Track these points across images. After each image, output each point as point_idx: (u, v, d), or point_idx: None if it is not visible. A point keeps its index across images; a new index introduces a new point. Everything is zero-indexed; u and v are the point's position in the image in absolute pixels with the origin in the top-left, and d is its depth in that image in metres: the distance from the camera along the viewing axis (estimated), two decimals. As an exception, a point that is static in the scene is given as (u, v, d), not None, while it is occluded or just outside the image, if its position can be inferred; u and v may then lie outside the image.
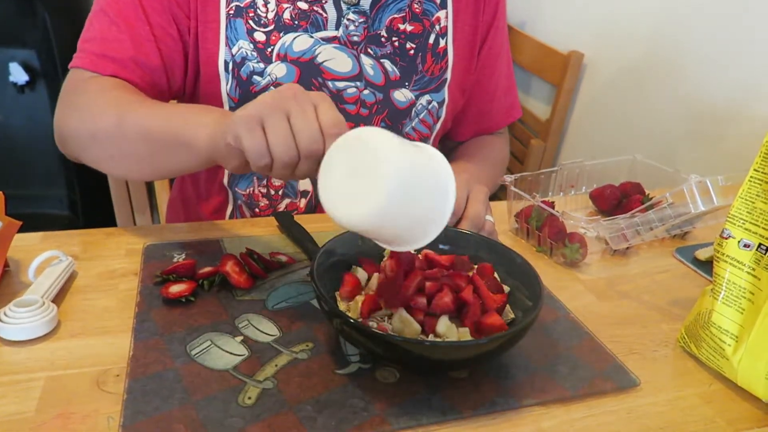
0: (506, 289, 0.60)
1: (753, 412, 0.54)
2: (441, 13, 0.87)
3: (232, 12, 0.78)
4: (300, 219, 0.78)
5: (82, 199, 1.95)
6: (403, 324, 0.53)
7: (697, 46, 1.45)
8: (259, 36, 0.79)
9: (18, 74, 1.79)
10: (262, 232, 0.76)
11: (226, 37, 0.79)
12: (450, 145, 1.02)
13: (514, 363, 0.56)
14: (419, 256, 0.63)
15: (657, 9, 1.57)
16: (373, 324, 0.53)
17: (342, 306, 0.58)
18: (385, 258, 0.63)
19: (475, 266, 0.62)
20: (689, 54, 1.48)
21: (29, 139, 1.87)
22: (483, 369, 0.55)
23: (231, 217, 0.91)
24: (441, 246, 0.65)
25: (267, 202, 0.89)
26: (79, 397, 0.49)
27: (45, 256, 0.62)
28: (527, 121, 2.04)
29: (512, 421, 0.50)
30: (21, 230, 0.64)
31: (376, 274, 0.60)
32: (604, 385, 0.55)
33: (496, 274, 0.61)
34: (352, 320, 0.50)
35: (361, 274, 0.60)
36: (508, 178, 0.81)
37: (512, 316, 0.58)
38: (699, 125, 1.46)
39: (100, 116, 0.70)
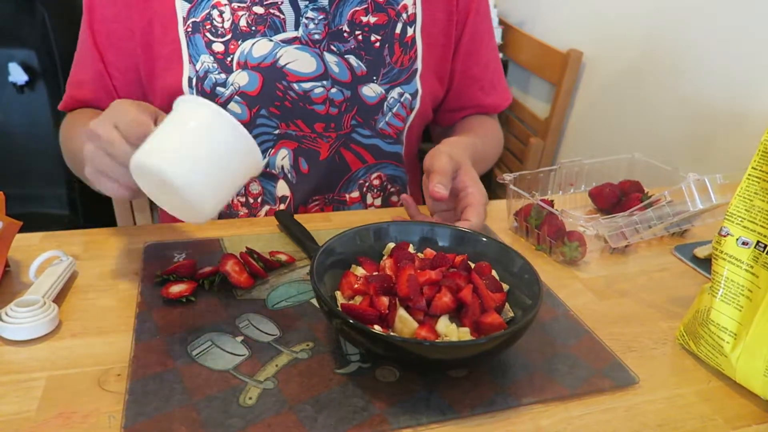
0: (505, 287, 0.60)
1: (751, 409, 0.54)
2: (408, 0, 0.85)
3: (189, 30, 0.79)
4: (300, 218, 0.78)
5: (82, 198, 1.95)
6: (403, 324, 0.53)
7: (696, 44, 1.45)
8: (218, 47, 0.79)
9: (17, 74, 1.79)
10: (261, 231, 0.77)
11: (189, 56, 0.79)
12: (438, 130, 1.02)
13: (512, 361, 0.57)
14: (419, 255, 0.63)
15: (656, 7, 1.57)
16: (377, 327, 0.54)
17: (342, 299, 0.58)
18: (385, 257, 0.63)
19: (473, 264, 0.62)
20: (688, 52, 1.48)
21: (29, 138, 1.87)
22: (482, 368, 0.55)
23: None
24: (440, 243, 0.66)
25: (246, 211, 0.89)
26: (80, 396, 0.49)
27: (46, 256, 0.62)
28: (526, 119, 2.04)
29: (511, 419, 0.51)
30: (21, 230, 0.64)
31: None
32: (603, 383, 0.55)
33: (494, 273, 0.61)
34: (351, 321, 0.50)
35: (360, 273, 0.60)
36: (508, 177, 0.81)
37: (511, 314, 0.58)
38: (698, 124, 1.46)
39: (67, 153, 0.81)
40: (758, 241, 0.55)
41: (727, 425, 0.52)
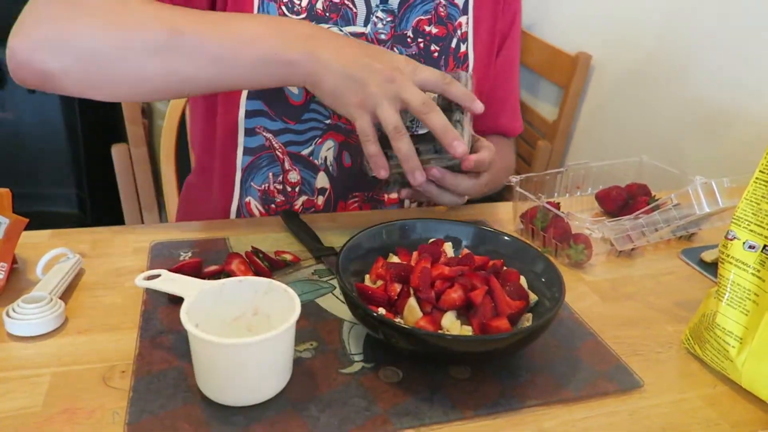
0: (534, 297, 0.59)
1: (757, 414, 0.54)
2: (462, 19, 0.88)
3: None
4: (306, 218, 0.78)
5: (91, 198, 1.97)
6: (409, 312, 0.55)
7: (705, 47, 1.45)
8: None
9: (28, 74, 1.81)
10: (267, 231, 0.77)
11: None
12: None
13: (516, 363, 0.56)
14: (444, 251, 0.63)
15: (664, 10, 1.57)
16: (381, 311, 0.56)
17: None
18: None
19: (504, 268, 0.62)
20: (696, 55, 1.47)
21: (39, 137, 1.88)
22: (485, 369, 0.55)
23: (237, 213, 0.91)
24: (481, 248, 0.66)
25: (283, 199, 0.89)
26: (85, 392, 0.50)
27: (53, 254, 0.63)
28: (534, 122, 2.04)
29: (514, 421, 0.50)
30: (30, 228, 0.65)
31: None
32: (607, 386, 0.55)
33: (524, 281, 0.60)
34: (375, 314, 0.51)
35: (394, 260, 0.62)
36: (514, 179, 0.81)
37: (529, 324, 0.57)
38: (706, 127, 1.45)
39: (142, 27, 0.62)
40: (765, 245, 0.55)
41: (732, 430, 0.52)
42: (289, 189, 0.88)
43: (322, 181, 0.88)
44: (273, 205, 0.89)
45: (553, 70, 1.96)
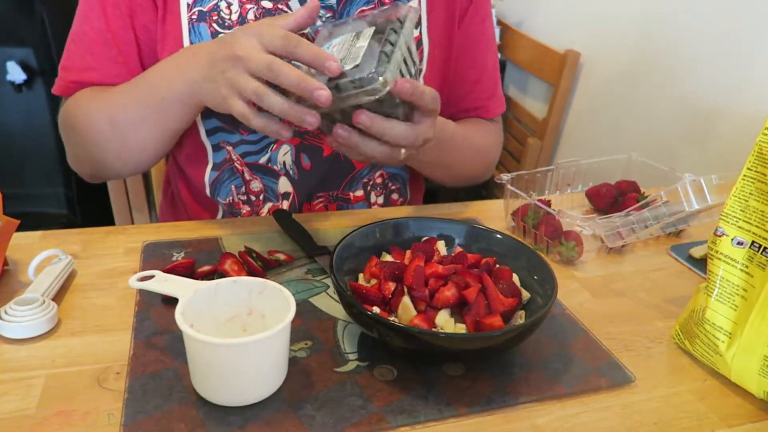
0: (526, 295, 0.60)
1: (746, 407, 0.55)
2: (413, 2, 0.84)
3: (194, 17, 0.78)
4: (298, 217, 0.78)
5: (80, 198, 1.95)
6: (404, 311, 0.55)
7: (693, 45, 1.46)
8: None
9: (15, 73, 1.79)
10: (260, 231, 0.77)
11: (191, 43, 0.78)
12: None
13: (509, 360, 0.57)
14: (437, 249, 0.63)
15: (653, 8, 1.58)
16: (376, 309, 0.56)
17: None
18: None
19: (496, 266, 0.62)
20: (685, 53, 1.48)
21: (27, 137, 1.87)
22: (479, 366, 0.56)
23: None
24: (474, 246, 0.66)
25: (249, 209, 0.88)
26: (79, 394, 0.49)
27: (45, 255, 0.63)
28: (524, 119, 2.05)
29: (508, 417, 0.51)
30: (20, 229, 0.64)
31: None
32: (599, 381, 0.55)
33: (516, 278, 0.61)
34: (369, 313, 0.51)
35: (387, 259, 0.62)
36: (505, 177, 0.82)
37: (521, 321, 0.58)
38: (695, 124, 1.47)
39: (93, 128, 0.76)
40: (753, 241, 0.55)
41: (722, 423, 0.53)
42: (253, 198, 0.88)
43: (284, 185, 0.87)
44: (239, 218, 0.89)
45: (542, 68, 1.97)
